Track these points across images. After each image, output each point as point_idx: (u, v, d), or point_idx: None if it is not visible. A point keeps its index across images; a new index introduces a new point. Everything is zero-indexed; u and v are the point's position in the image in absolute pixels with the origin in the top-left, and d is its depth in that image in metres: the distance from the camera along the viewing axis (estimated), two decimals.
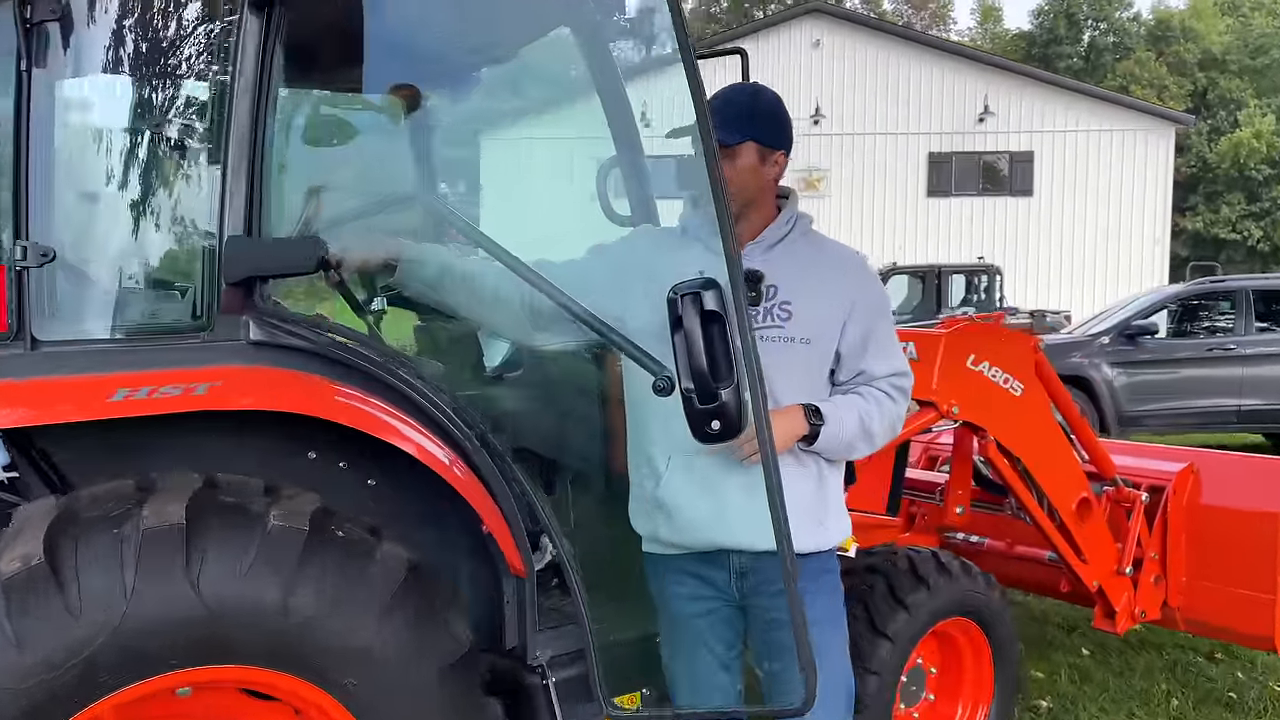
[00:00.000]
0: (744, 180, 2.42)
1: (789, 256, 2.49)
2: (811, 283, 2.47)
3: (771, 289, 2.43)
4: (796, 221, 2.54)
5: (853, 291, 2.51)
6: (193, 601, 2.03)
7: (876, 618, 3.28)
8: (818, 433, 2.41)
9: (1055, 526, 3.99)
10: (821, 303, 2.47)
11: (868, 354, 2.53)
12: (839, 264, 2.57)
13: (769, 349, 2.34)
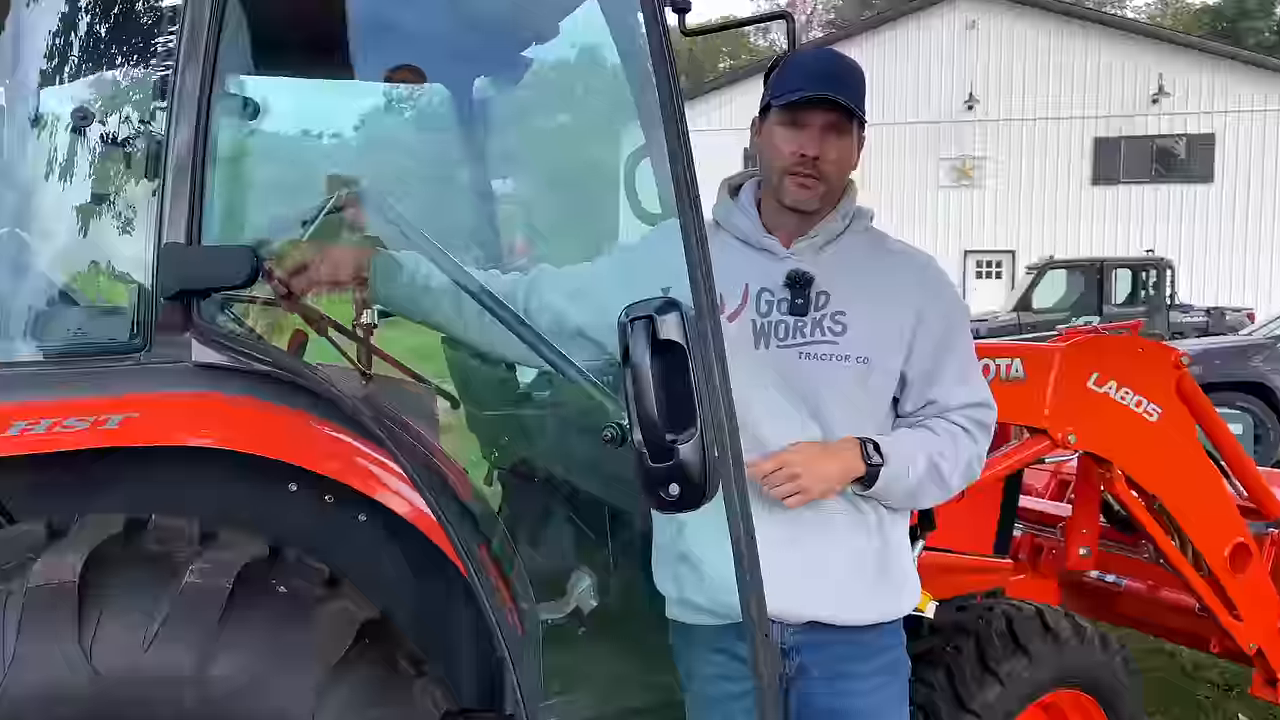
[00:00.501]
0: (845, 164, 2.01)
1: (845, 257, 2.05)
2: (871, 290, 2.02)
3: (822, 296, 1.99)
4: (855, 216, 2.08)
5: (922, 301, 2.04)
6: (84, 672, 1.73)
7: (962, 690, 2.73)
8: (877, 473, 1.95)
9: (1203, 577, 3.33)
10: (883, 314, 2.01)
11: (940, 379, 2.05)
12: (906, 267, 2.10)
13: (817, 369, 1.97)
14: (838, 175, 1.99)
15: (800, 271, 1.99)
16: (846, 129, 1.97)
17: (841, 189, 2.04)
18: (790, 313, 1.98)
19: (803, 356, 1.98)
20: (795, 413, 1.98)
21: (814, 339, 1.98)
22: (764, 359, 1.98)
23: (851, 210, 2.08)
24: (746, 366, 1.89)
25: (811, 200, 1.99)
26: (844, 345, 1.97)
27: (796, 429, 1.97)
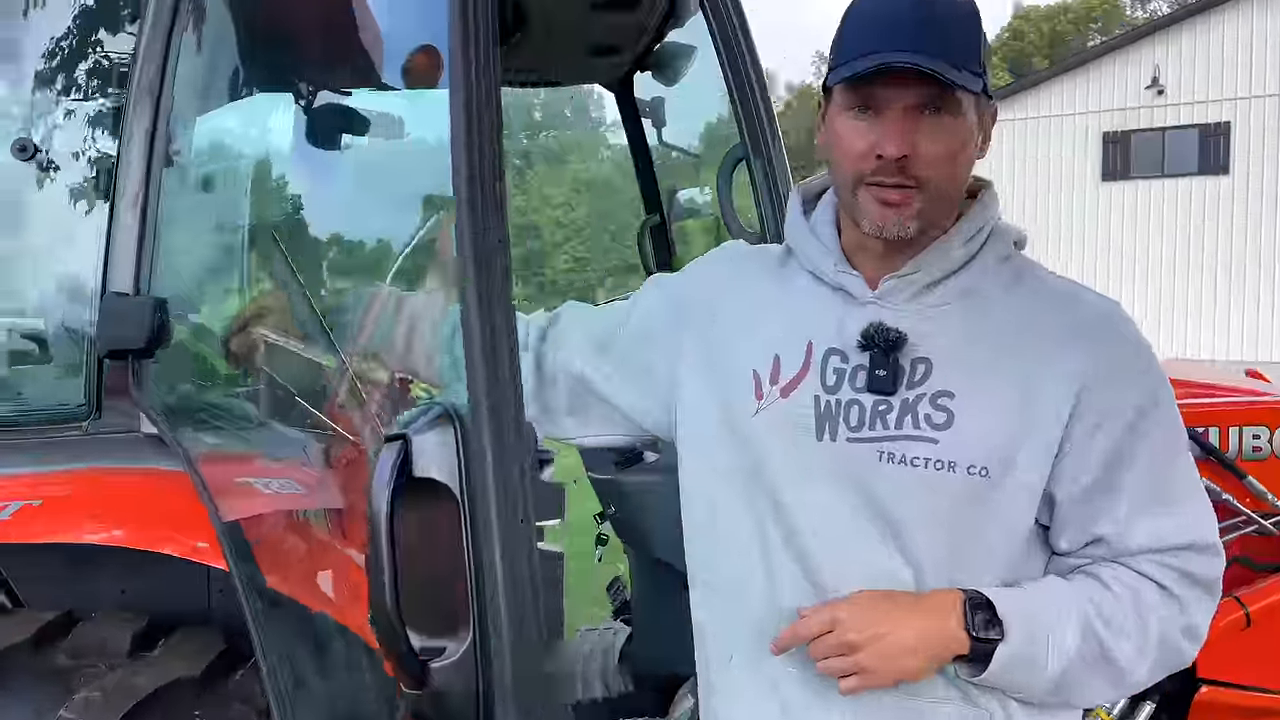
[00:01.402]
0: (957, 161, 1.30)
1: (964, 306, 1.35)
2: (1001, 358, 1.31)
3: (920, 366, 1.31)
4: (988, 240, 1.37)
5: (1089, 376, 1.29)
6: None
7: None
8: (990, 651, 1.26)
9: None
10: (1016, 399, 1.29)
11: (1115, 504, 1.30)
12: (1063, 321, 1.33)
13: (904, 479, 1.29)
14: (947, 180, 1.29)
15: (884, 327, 1.31)
16: (954, 105, 1.27)
17: (956, 199, 1.34)
18: (869, 389, 1.31)
19: (884, 458, 1.30)
20: (868, 542, 1.31)
21: (902, 433, 1.30)
22: (827, 456, 1.33)
23: (982, 231, 1.36)
24: (800, 465, 1.33)
25: (901, 224, 1.29)
26: (948, 446, 1.28)
27: (869, 567, 1.32)
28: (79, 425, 1.80)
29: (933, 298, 1.34)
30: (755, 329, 1.42)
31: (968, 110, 1.29)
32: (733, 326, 1.45)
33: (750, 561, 1.37)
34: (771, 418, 1.37)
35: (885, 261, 1.36)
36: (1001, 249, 1.37)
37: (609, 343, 1.57)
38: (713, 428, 1.43)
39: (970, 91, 1.26)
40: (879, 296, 1.35)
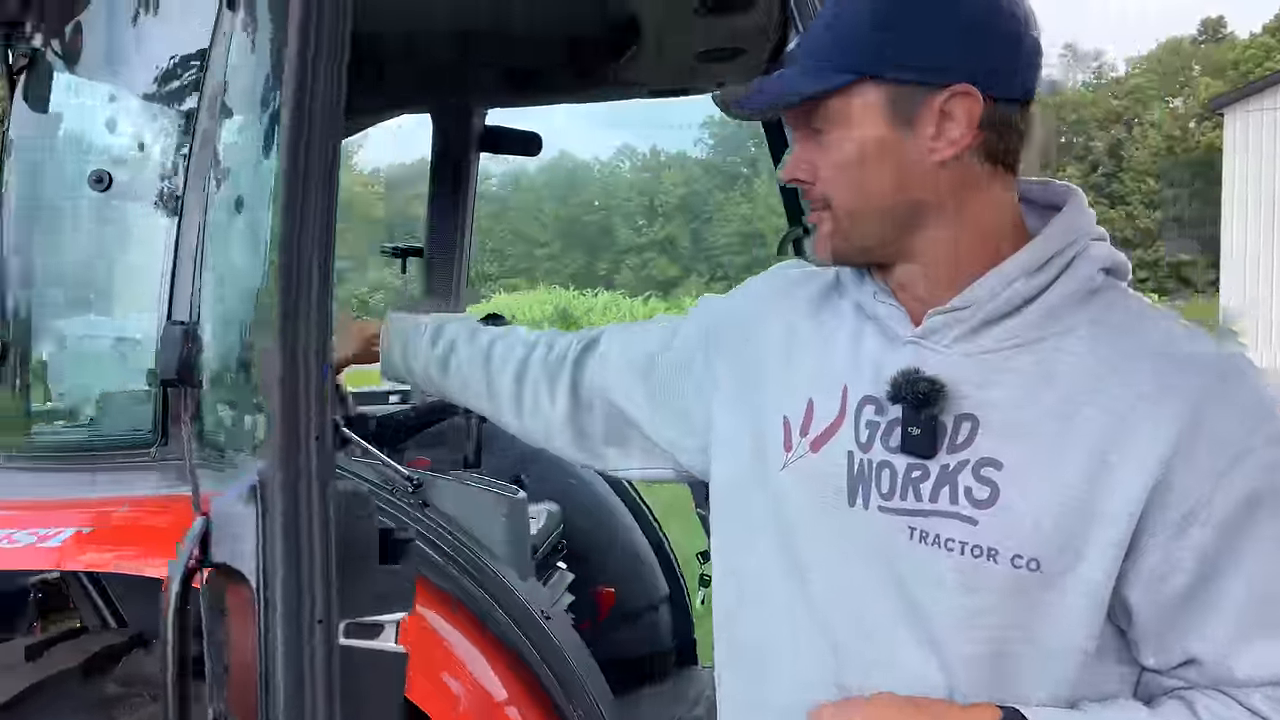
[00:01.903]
0: (859, 173, 1.08)
1: (1029, 353, 1.07)
2: (1070, 422, 1.03)
3: (966, 425, 1.06)
4: (1072, 264, 1.08)
5: (1184, 447, 0.99)
6: None
7: None
8: None
9: None
10: (1085, 474, 1.01)
11: (1217, 618, 1.01)
12: (1157, 376, 1.02)
13: (936, 564, 1.05)
14: (851, 195, 1.09)
15: (916, 375, 1.06)
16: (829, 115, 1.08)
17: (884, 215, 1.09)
18: (904, 449, 1.08)
19: (915, 537, 1.06)
20: (896, 636, 1.09)
21: (936, 507, 1.05)
22: (858, 527, 1.11)
23: (1059, 256, 1.07)
24: (830, 535, 1.13)
25: (818, 249, 1.14)
26: (988, 528, 1.02)
27: (897, 667, 1.09)
28: (146, 452, 1.83)
29: (988, 339, 1.07)
30: (791, 367, 1.21)
31: (856, 114, 1.06)
32: (768, 363, 1.24)
33: (778, 635, 1.17)
34: (799, 475, 1.16)
35: (934, 292, 1.11)
36: (1086, 279, 1.08)
37: (648, 370, 1.41)
38: (744, 477, 1.23)
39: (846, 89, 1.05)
40: (921, 335, 1.10)
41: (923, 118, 1.04)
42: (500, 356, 1.55)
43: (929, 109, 1.04)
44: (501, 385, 1.54)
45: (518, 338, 1.58)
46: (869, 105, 1.05)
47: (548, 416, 1.50)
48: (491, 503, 1.83)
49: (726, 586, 1.27)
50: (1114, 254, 1.11)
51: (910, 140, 1.05)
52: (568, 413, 1.48)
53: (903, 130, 1.05)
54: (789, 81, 1.09)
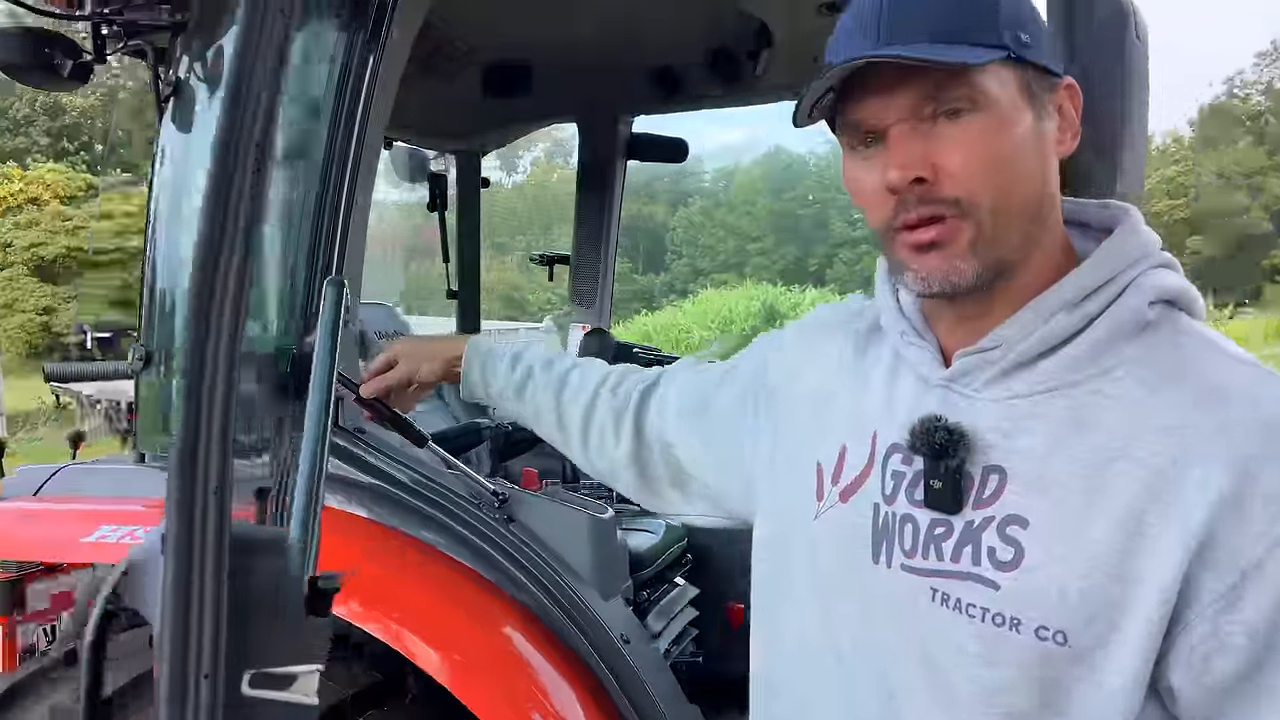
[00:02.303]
0: (1008, 165, 0.94)
1: (1068, 397, 0.94)
2: (1107, 476, 0.89)
3: (994, 479, 0.95)
4: (1123, 295, 0.95)
5: (1234, 507, 0.84)
6: None
7: None
8: None
9: None
10: (1122, 536, 0.88)
11: (1272, 702, 0.85)
12: (1210, 424, 0.87)
13: (952, 632, 0.95)
14: (999, 192, 0.93)
15: (935, 424, 0.96)
16: (972, 95, 0.92)
17: (1032, 218, 0.96)
18: (927, 503, 0.99)
19: (937, 599, 0.96)
20: (915, 696, 0.99)
21: (958, 568, 0.95)
22: (883, 586, 1.01)
23: (1109, 285, 0.94)
24: (858, 594, 1.04)
25: (952, 267, 0.95)
26: (1011, 594, 0.91)
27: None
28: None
29: (1020, 383, 0.96)
30: (829, 411, 1.14)
31: (1002, 95, 0.93)
32: (809, 405, 1.18)
33: (812, 689, 1.10)
34: (829, 526, 1.09)
35: (964, 329, 1.02)
36: (1135, 312, 0.94)
37: (701, 413, 1.36)
38: (782, 524, 1.17)
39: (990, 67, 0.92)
40: (950, 379, 1.00)
41: (1049, 109, 0.98)
42: (572, 390, 1.52)
43: (1053, 100, 0.98)
44: (571, 419, 1.51)
45: (591, 372, 1.54)
46: (1011, 88, 0.94)
47: (612, 456, 1.47)
48: (577, 521, 1.80)
49: (762, 634, 1.21)
50: (1178, 282, 0.97)
51: (1047, 129, 0.98)
52: (631, 454, 1.44)
53: (1039, 119, 0.97)
54: (935, 52, 0.90)
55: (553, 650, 1.73)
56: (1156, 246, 0.99)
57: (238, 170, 0.77)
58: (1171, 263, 0.99)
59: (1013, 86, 0.94)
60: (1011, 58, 0.93)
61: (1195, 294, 0.98)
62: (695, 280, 42.33)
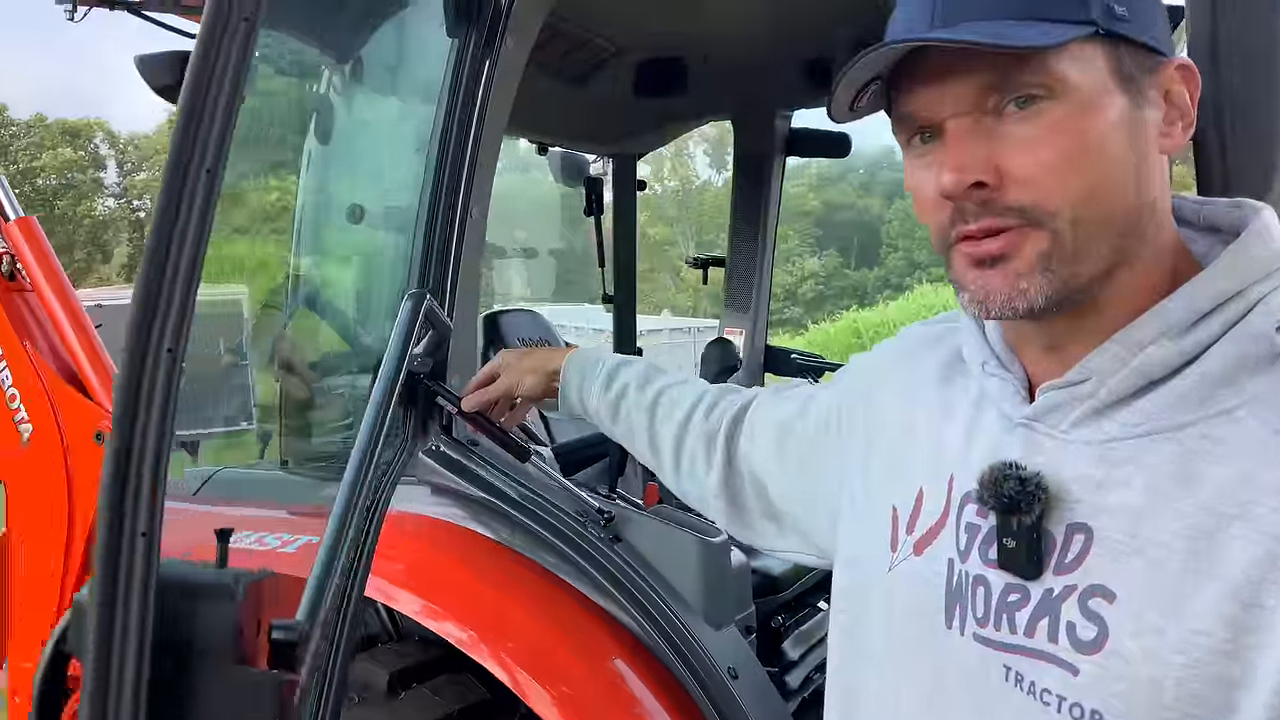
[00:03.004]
0: (1090, 166, 0.77)
1: (1175, 443, 0.76)
2: (1217, 544, 0.71)
3: (1079, 539, 0.78)
4: (1248, 316, 0.76)
5: None
6: None
7: None
8: None
9: None
10: (1230, 616, 0.70)
11: None
12: None
13: (1008, 715, 0.81)
14: (1080, 199, 0.77)
15: (1006, 472, 0.81)
16: (1048, 82, 0.76)
17: (1120, 230, 0.79)
18: (1001, 564, 0.83)
19: (1011, 679, 0.82)
20: None
21: (1033, 644, 0.80)
22: (956, 655, 0.87)
23: (1229, 305, 0.77)
24: (930, 662, 0.90)
25: (1016, 288, 0.79)
26: (1092, 682, 0.75)
27: None
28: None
29: (1114, 424, 0.80)
30: (908, 448, 1.00)
31: (1084, 80, 0.77)
32: (889, 440, 1.04)
33: None
34: (901, 581, 0.96)
35: (1052, 358, 0.86)
36: (1260, 340, 0.75)
37: (784, 442, 1.25)
38: (860, 576, 1.04)
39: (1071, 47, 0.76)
40: (1033, 417, 0.85)
41: (1151, 96, 0.80)
42: (665, 411, 1.43)
43: (1157, 84, 0.80)
44: (664, 442, 1.43)
45: (686, 393, 1.44)
46: (1099, 71, 0.77)
47: (703, 483, 1.37)
48: (685, 544, 1.71)
49: (837, 695, 1.07)
50: None
51: (1145, 121, 0.80)
52: (721, 482, 1.34)
53: (1137, 107, 0.79)
54: (1002, 33, 0.75)
55: (656, 682, 1.64)
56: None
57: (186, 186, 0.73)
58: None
59: (1101, 68, 0.77)
60: (1099, 34, 0.76)
61: None
62: (911, 274, 40.85)
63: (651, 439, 1.44)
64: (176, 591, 0.71)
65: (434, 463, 1.82)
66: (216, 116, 0.75)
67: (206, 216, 0.73)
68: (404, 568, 1.76)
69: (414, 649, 1.87)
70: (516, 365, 1.60)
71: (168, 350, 0.70)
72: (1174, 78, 0.81)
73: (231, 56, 0.76)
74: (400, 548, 1.81)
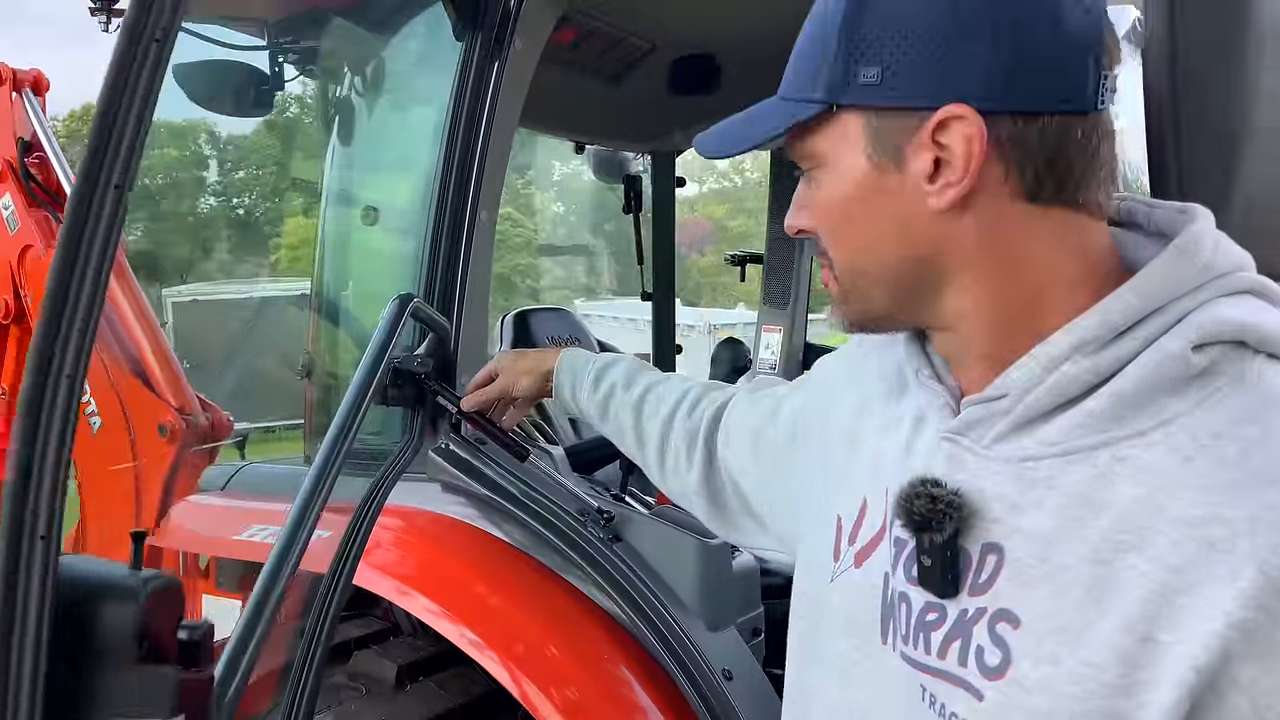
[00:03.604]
0: (845, 220, 0.84)
1: (1088, 464, 0.73)
2: (1118, 572, 0.69)
3: (991, 560, 0.76)
4: (1166, 337, 0.73)
5: (1261, 621, 0.63)
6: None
7: None
8: None
9: None
10: (1128, 648, 0.67)
11: None
12: (1245, 513, 0.65)
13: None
14: (844, 249, 0.85)
15: (920, 488, 0.79)
16: (813, 152, 0.84)
17: (880, 274, 0.83)
18: (920, 581, 0.82)
19: (926, 699, 0.81)
20: None
21: (944, 666, 0.78)
22: (889, 671, 0.86)
23: (1142, 325, 0.73)
24: (869, 678, 0.89)
25: (834, 314, 0.90)
26: (994, 707, 0.74)
27: None
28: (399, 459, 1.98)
29: (1032, 441, 0.77)
30: (856, 455, 0.99)
31: (832, 151, 0.83)
32: (844, 446, 1.02)
33: None
34: (842, 592, 0.95)
35: (980, 368, 0.84)
36: (1177, 357, 0.72)
37: (758, 448, 1.25)
38: (812, 583, 1.03)
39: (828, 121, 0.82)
40: (957, 431, 0.83)
41: (915, 153, 0.78)
42: (650, 409, 1.44)
43: (921, 140, 0.77)
44: (648, 440, 1.43)
45: (669, 390, 1.45)
46: (848, 141, 0.81)
47: (685, 480, 1.37)
48: (684, 545, 1.70)
49: (792, 697, 1.06)
50: (1254, 317, 0.72)
51: (904, 183, 0.79)
52: (702, 480, 1.34)
53: (891, 171, 0.80)
54: (752, 120, 0.88)
55: (653, 684, 1.64)
56: (1232, 265, 0.75)
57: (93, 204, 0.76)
58: (1261, 287, 0.75)
59: (854, 138, 0.81)
60: (835, 108, 0.80)
61: (1268, 327, 0.73)
62: None
63: (638, 436, 1.45)
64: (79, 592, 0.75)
65: (443, 461, 1.86)
66: (126, 134, 0.77)
67: (113, 233, 0.76)
68: (414, 568, 1.79)
69: (425, 643, 1.91)
70: (513, 366, 1.62)
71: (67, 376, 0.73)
72: (950, 130, 0.75)
73: (143, 76, 0.78)
74: (412, 547, 1.85)
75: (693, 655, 1.63)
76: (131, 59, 0.78)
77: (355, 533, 1.48)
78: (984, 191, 0.76)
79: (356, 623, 2.05)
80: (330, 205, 2.18)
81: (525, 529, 1.77)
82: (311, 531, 1.12)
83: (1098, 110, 0.75)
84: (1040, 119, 0.74)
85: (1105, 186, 0.78)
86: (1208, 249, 0.75)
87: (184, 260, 26.96)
